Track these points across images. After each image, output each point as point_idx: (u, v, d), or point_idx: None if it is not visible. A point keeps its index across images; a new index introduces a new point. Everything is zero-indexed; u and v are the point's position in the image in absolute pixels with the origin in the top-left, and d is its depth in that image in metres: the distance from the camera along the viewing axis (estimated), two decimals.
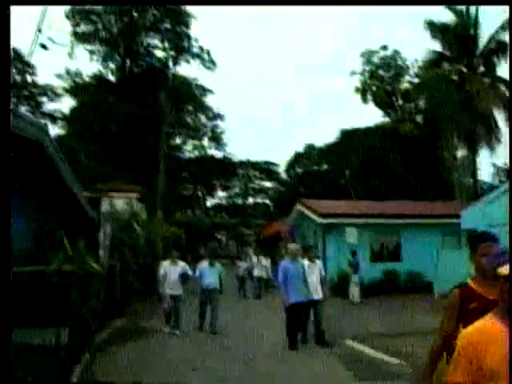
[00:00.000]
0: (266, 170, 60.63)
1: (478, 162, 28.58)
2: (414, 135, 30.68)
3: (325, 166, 52.53)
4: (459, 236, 20.96)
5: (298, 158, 54.66)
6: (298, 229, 27.27)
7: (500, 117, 29.42)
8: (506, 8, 17.48)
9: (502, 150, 28.68)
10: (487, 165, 49.74)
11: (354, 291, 18.22)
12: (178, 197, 44.05)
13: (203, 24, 70.38)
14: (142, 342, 10.98)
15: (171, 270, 12.28)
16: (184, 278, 12.36)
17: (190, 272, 12.76)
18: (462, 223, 17.89)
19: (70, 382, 7.30)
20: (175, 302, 12.18)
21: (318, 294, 10.66)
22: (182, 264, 12.71)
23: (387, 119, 35.88)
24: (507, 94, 26.27)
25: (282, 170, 59.43)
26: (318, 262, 11.34)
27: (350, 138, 44.34)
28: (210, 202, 62.73)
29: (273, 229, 35.34)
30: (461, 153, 33.04)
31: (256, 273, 22.31)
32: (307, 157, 54.01)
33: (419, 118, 30.19)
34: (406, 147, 32.33)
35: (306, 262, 10.84)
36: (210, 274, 12.61)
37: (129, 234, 17.20)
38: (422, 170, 31.89)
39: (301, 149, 54.79)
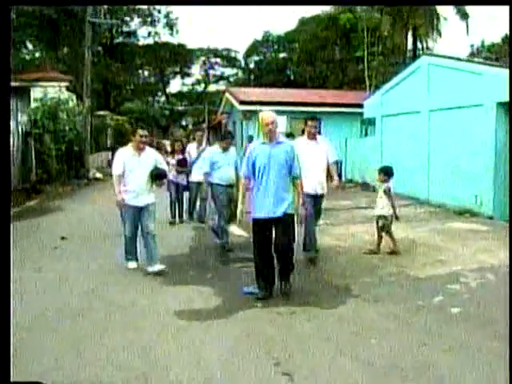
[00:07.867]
0: (226, 56, 60.14)
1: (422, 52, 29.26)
2: (352, 25, 31.00)
3: (283, 54, 52.70)
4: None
5: (255, 46, 54.38)
6: (232, 117, 28.31)
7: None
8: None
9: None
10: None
11: None
12: (130, 85, 44.14)
13: None
14: (41, 218, 12.34)
15: (138, 162, 7.30)
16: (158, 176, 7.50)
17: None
18: (364, 113, 19.15)
19: None
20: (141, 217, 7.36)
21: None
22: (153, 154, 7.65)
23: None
24: None
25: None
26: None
27: (305, 26, 44.25)
28: (172, 90, 62.88)
29: (219, 116, 36.25)
30: (410, 43, 33.61)
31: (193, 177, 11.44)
32: (265, 45, 53.85)
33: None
34: (345, 36, 32.82)
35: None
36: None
37: (53, 121, 18.20)
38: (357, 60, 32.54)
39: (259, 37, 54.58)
